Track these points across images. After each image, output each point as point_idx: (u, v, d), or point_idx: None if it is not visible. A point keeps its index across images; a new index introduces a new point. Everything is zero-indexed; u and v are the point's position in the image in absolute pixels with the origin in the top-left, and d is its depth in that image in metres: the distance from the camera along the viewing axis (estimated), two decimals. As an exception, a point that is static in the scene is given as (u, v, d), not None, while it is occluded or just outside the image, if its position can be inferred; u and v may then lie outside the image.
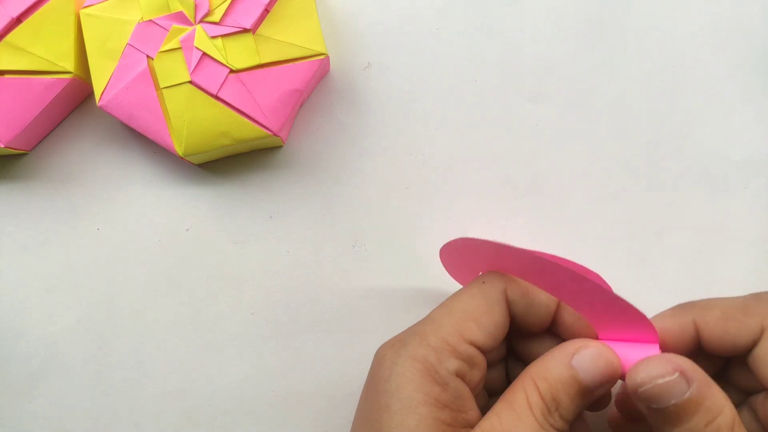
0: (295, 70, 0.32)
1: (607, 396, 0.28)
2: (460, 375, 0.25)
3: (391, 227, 0.34)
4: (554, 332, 0.28)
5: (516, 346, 0.29)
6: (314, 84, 0.34)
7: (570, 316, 0.27)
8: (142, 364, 0.34)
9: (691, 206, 0.35)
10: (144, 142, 0.35)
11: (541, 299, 0.27)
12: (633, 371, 0.23)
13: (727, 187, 0.35)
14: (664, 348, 0.26)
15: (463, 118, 0.35)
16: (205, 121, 0.32)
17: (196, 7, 0.32)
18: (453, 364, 0.25)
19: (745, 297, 0.26)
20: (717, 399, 0.23)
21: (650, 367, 0.23)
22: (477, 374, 0.26)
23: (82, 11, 0.32)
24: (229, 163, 0.35)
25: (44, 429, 0.33)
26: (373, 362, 0.27)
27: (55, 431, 0.33)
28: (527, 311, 0.27)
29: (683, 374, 0.23)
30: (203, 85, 0.31)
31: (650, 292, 0.34)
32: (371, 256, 0.34)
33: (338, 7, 0.36)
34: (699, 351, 0.26)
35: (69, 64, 0.32)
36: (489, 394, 0.29)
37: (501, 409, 0.24)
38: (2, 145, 0.32)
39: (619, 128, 0.35)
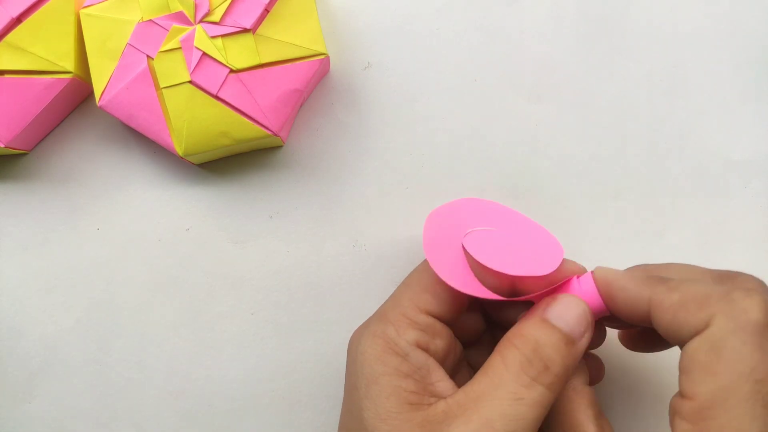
0: (295, 70, 0.32)
1: (601, 335, 0.28)
2: (421, 346, 0.26)
3: (391, 227, 0.34)
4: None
5: (496, 318, 0.29)
6: (314, 84, 0.34)
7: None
8: (142, 364, 0.34)
9: (691, 206, 0.35)
10: (144, 142, 0.35)
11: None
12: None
13: (727, 187, 0.35)
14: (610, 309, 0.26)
15: (463, 118, 0.35)
16: (205, 121, 0.32)
17: (196, 7, 0.32)
18: (411, 335, 0.25)
19: (713, 279, 0.24)
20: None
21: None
22: (440, 343, 0.26)
23: (82, 11, 0.32)
24: (229, 163, 0.35)
25: (44, 429, 0.33)
26: (348, 347, 0.28)
27: (55, 431, 0.33)
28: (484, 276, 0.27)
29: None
30: (203, 85, 0.31)
31: (650, 292, 0.34)
32: (371, 256, 0.34)
33: (338, 7, 0.36)
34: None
35: (69, 64, 0.32)
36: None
37: (476, 377, 0.24)
38: (2, 145, 0.32)
39: (619, 128, 0.35)
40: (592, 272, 0.26)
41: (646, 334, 0.29)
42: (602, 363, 0.29)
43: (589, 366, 0.27)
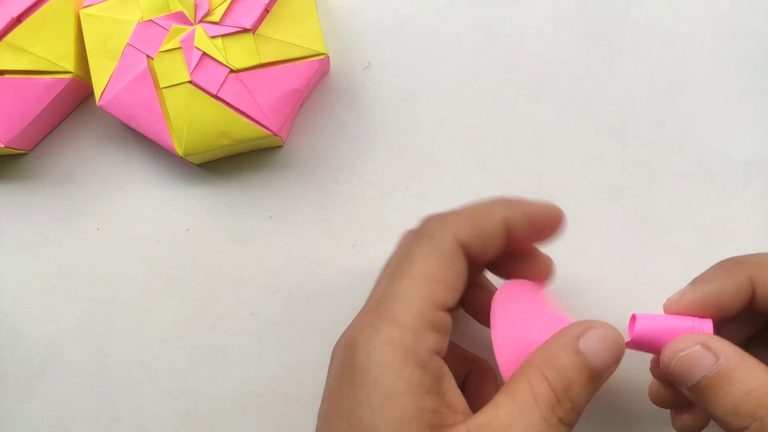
0: (295, 70, 0.32)
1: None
2: (438, 351, 0.23)
3: (391, 227, 0.34)
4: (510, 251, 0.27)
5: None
6: (314, 84, 0.34)
7: (521, 231, 0.25)
8: (142, 364, 0.34)
9: (691, 206, 0.35)
10: (144, 142, 0.35)
11: (490, 231, 0.25)
12: (663, 350, 0.23)
13: (727, 187, 0.35)
14: (720, 313, 0.25)
15: (463, 118, 0.35)
16: (205, 121, 0.32)
17: (196, 7, 0.32)
18: (431, 340, 0.23)
19: None
20: (752, 369, 0.22)
21: (673, 343, 0.23)
22: (447, 341, 0.24)
23: (82, 11, 0.32)
24: (229, 163, 0.35)
25: (44, 429, 0.33)
26: (341, 352, 0.24)
27: (55, 431, 0.33)
28: (484, 247, 0.25)
29: (706, 346, 0.22)
30: (203, 85, 0.31)
31: (650, 292, 0.34)
32: (371, 256, 0.34)
33: (338, 7, 0.36)
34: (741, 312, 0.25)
35: (69, 64, 0.32)
36: None
37: (501, 401, 0.22)
38: (2, 145, 0.32)
39: (619, 128, 0.35)
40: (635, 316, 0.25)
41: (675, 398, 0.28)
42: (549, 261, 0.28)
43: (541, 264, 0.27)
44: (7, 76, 0.32)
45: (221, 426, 0.34)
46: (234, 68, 0.31)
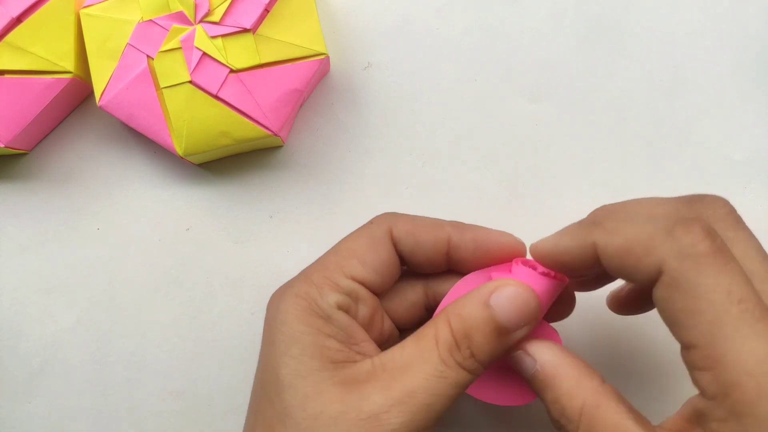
0: (295, 70, 0.32)
1: (570, 303, 0.28)
2: (343, 308, 0.25)
3: (391, 227, 0.34)
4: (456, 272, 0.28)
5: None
6: (314, 84, 0.34)
7: (466, 253, 0.27)
8: (141, 363, 0.34)
9: (691, 206, 0.35)
10: (144, 142, 0.35)
11: (427, 238, 0.27)
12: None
13: (727, 187, 0.35)
14: (571, 272, 0.25)
15: (463, 118, 0.35)
16: (205, 121, 0.32)
17: (196, 6, 0.32)
18: (334, 297, 0.25)
19: (675, 208, 0.23)
20: (565, 382, 0.23)
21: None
22: (364, 309, 0.26)
23: (82, 11, 0.32)
24: (229, 163, 0.35)
25: (44, 429, 0.33)
26: (266, 308, 0.27)
27: (55, 431, 0.33)
28: (414, 250, 0.27)
29: (525, 351, 0.24)
30: (203, 85, 0.31)
31: (650, 292, 0.34)
32: (371, 256, 0.34)
33: (338, 7, 0.36)
34: None
35: (69, 64, 0.32)
36: None
37: (406, 342, 0.24)
38: (2, 145, 0.32)
39: (619, 128, 0.35)
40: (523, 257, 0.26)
41: (631, 296, 0.28)
42: (573, 298, 0.28)
43: (561, 305, 0.27)
44: (7, 76, 0.32)
45: (221, 426, 0.34)
46: (234, 68, 0.31)
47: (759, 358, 0.19)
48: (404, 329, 0.29)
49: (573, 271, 0.25)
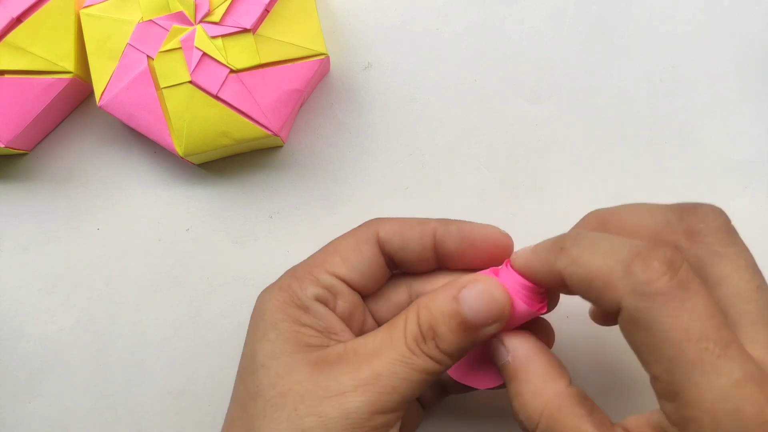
0: (295, 70, 0.32)
1: (554, 297, 0.27)
2: (321, 300, 0.26)
3: (391, 227, 0.34)
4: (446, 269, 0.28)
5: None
6: (314, 84, 0.34)
7: (452, 245, 0.27)
8: (142, 364, 0.34)
9: (691, 206, 0.35)
10: (144, 142, 0.35)
11: (413, 234, 0.27)
12: None
13: (727, 187, 0.35)
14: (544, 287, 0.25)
15: (463, 118, 0.35)
16: (205, 121, 0.32)
17: (196, 7, 0.32)
18: (312, 290, 0.26)
19: (665, 216, 0.23)
20: (532, 379, 0.23)
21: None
22: (343, 304, 0.27)
23: (82, 11, 0.32)
24: (229, 163, 0.35)
25: (44, 429, 0.33)
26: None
27: (55, 431, 0.33)
28: (401, 248, 0.27)
29: (501, 341, 0.25)
30: (203, 85, 0.31)
31: (650, 292, 0.34)
32: (371, 256, 0.34)
33: (338, 7, 0.36)
34: None
35: (69, 64, 0.32)
36: None
37: (379, 330, 0.26)
38: (2, 145, 0.32)
39: (619, 128, 0.35)
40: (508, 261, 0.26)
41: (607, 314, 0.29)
42: (551, 329, 0.29)
43: (540, 333, 0.27)
44: (7, 76, 0.32)
45: (221, 426, 0.34)
46: (234, 68, 0.31)
47: (715, 396, 0.19)
48: None
49: (549, 288, 0.25)
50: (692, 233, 0.23)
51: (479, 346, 0.25)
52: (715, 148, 0.35)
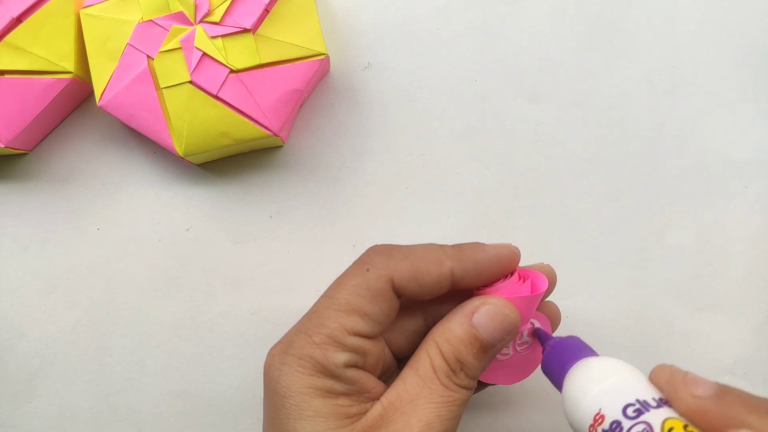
0: (295, 70, 0.32)
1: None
2: (351, 365, 0.25)
3: (391, 227, 0.34)
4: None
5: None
6: (314, 84, 0.34)
7: (470, 280, 0.27)
8: (142, 364, 0.34)
9: (691, 206, 0.35)
10: (144, 142, 0.35)
11: (430, 280, 0.26)
12: None
13: (727, 187, 0.35)
14: None
15: (463, 118, 0.35)
16: (205, 121, 0.32)
17: (196, 7, 0.32)
18: (342, 357, 0.25)
19: None
20: None
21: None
22: (371, 359, 0.26)
23: (82, 11, 0.32)
24: (229, 163, 0.35)
25: (44, 429, 0.33)
26: (264, 369, 0.26)
27: (55, 431, 0.33)
28: (419, 292, 0.26)
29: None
30: (203, 85, 0.31)
31: (650, 292, 0.34)
32: (371, 256, 0.34)
33: (338, 7, 0.36)
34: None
35: (69, 64, 0.32)
36: (398, 359, 0.29)
37: (406, 376, 0.25)
38: (2, 145, 0.32)
39: (619, 128, 0.35)
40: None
41: None
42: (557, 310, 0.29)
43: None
44: (7, 76, 0.32)
45: (221, 426, 0.34)
46: (234, 68, 0.31)
47: None
48: (404, 357, 0.29)
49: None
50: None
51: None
52: (715, 148, 0.35)
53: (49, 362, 0.34)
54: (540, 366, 0.26)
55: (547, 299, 0.29)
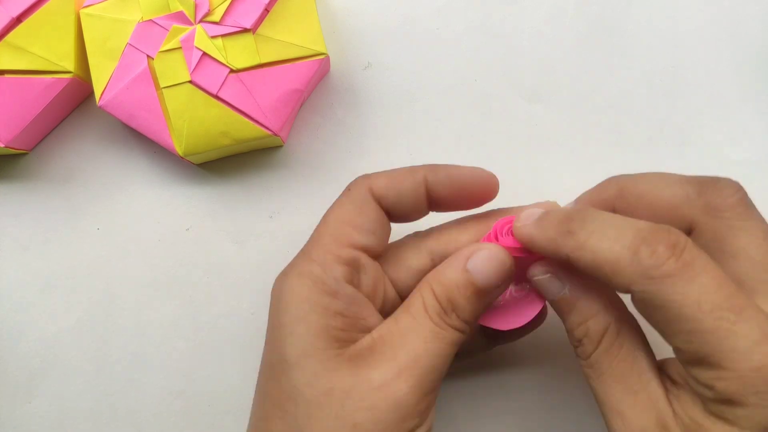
0: (295, 70, 0.32)
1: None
2: (349, 281, 0.26)
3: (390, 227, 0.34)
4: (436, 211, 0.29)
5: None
6: (314, 84, 0.34)
7: (443, 190, 0.27)
8: (142, 364, 0.34)
9: (691, 206, 0.35)
10: (144, 142, 0.35)
11: (406, 186, 0.27)
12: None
13: (727, 187, 0.35)
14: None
15: (463, 118, 0.35)
16: (205, 121, 0.32)
17: (196, 6, 0.32)
18: (338, 270, 0.26)
19: (683, 188, 0.24)
20: (590, 303, 0.24)
21: (532, 269, 0.25)
22: (367, 279, 0.27)
23: (82, 11, 0.32)
24: (229, 163, 0.35)
25: (44, 429, 0.33)
26: (271, 293, 0.27)
27: (55, 431, 0.33)
28: (398, 202, 0.27)
29: (555, 276, 0.25)
30: (203, 85, 0.31)
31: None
32: (371, 256, 0.34)
33: (338, 7, 0.36)
34: None
35: (69, 63, 0.32)
36: None
37: (399, 314, 0.26)
38: (2, 145, 0.32)
39: (619, 128, 0.35)
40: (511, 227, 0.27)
41: None
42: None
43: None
44: (7, 76, 0.32)
45: (221, 426, 0.34)
46: (234, 68, 0.31)
47: (737, 357, 0.20)
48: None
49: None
50: (710, 208, 0.23)
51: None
52: (715, 148, 0.35)
53: (49, 362, 0.34)
54: (539, 314, 0.27)
55: None
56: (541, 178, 0.35)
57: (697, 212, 0.24)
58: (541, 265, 0.25)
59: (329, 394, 0.24)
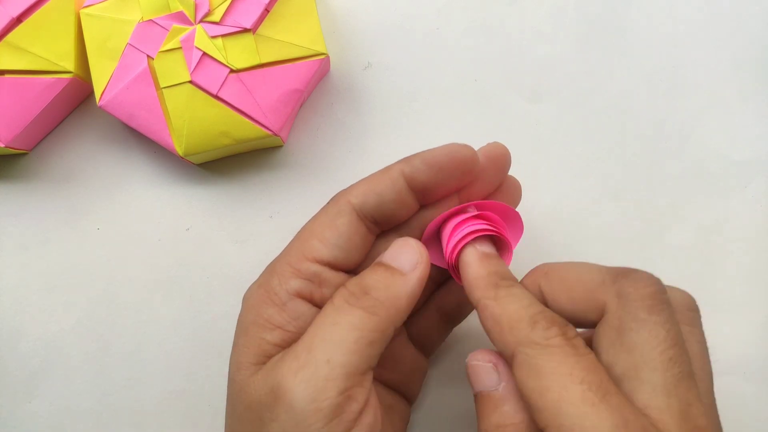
0: (295, 70, 0.32)
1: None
2: (304, 296, 0.26)
3: (391, 227, 0.34)
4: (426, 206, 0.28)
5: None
6: (314, 84, 0.34)
7: (424, 177, 0.27)
8: (142, 363, 0.34)
9: (691, 206, 0.35)
10: (144, 142, 0.35)
11: (384, 186, 0.26)
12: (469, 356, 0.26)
13: (727, 187, 0.35)
14: None
15: (463, 118, 0.35)
16: (205, 121, 0.32)
17: (196, 6, 0.32)
18: (293, 284, 0.25)
19: (603, 278, 0.24)
20: (517, 410, 0.24)
21: (474, 355, 0.25)
22: (327, 291, 0.26)
23: (82, 11, 0.32)
24: (229, 163, 0.35)
25: (44, 429, 0.33)
26: None
27: (55, 431, 0.33)
28: (380, 204, 0.26)
29: (496, 368, 0.25)
30: (203, 85, 0.31)
31: (650, 292, 0.34)
32: (371, 256, 0.34)
33: (338, 7, 0.36)
34: None
35: (69, 63, 0.32)
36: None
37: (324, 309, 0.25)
38: (2, 145, 0.32)
39: (619, 128, 0.35)
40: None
41: None
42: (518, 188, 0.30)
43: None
44: (7, 76, 0.32)
45: (221, 426, 0.34)
46: (234, 68, 0.31)
47: None
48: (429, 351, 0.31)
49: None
50: (621, 295, 0.23)
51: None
52: (715, 148, 0.35)
53: (49, 362, 0.34)
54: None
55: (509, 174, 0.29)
56: (541, 177, 0.35)
57: (610, 297, 0.24)
58: (485, 353, 0.25)
59: (250, 408, 0.24)
